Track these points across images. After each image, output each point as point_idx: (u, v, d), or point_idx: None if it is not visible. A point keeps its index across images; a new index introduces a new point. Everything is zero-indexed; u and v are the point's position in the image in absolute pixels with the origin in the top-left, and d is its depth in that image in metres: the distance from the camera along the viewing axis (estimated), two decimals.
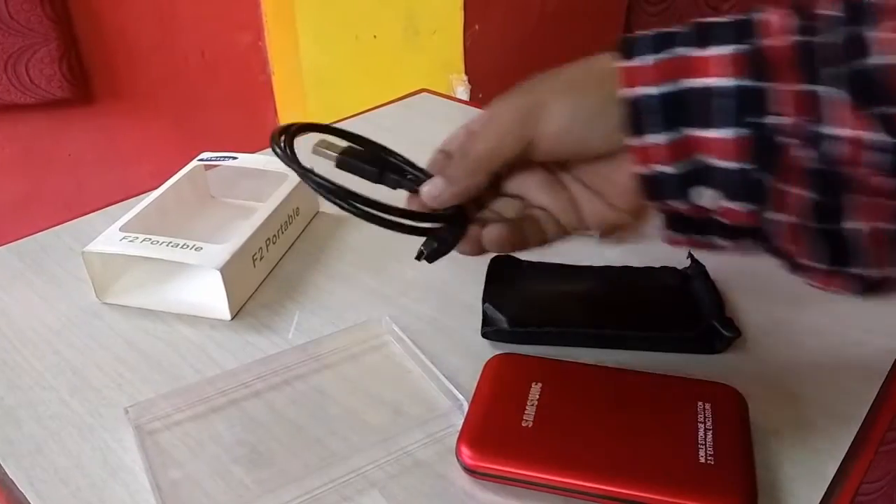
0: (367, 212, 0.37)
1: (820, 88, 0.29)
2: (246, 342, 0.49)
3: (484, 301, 0.50)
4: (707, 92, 0.31)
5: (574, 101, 0.35)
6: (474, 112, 0.85)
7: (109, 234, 0.52)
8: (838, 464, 0.39)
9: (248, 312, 0.52)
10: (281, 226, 0.57)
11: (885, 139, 0.28)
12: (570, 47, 1.45)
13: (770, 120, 0.30)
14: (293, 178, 0.60)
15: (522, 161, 0.37)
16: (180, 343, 0.49)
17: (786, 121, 0.30)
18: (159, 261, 0.50)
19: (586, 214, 0.38)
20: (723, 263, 0.53)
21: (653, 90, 0.32)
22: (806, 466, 0.39)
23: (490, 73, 1.31)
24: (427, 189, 0.38)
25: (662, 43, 0.33)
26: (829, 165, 0.30)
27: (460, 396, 0.42)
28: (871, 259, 0.31)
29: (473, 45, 1.26)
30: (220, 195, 0.65)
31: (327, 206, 0.65)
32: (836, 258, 0.32)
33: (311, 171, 0.37)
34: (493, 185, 0.38)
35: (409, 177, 0.40)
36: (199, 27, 1.13)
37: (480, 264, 0.55)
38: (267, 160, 0.63)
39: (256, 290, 0.54)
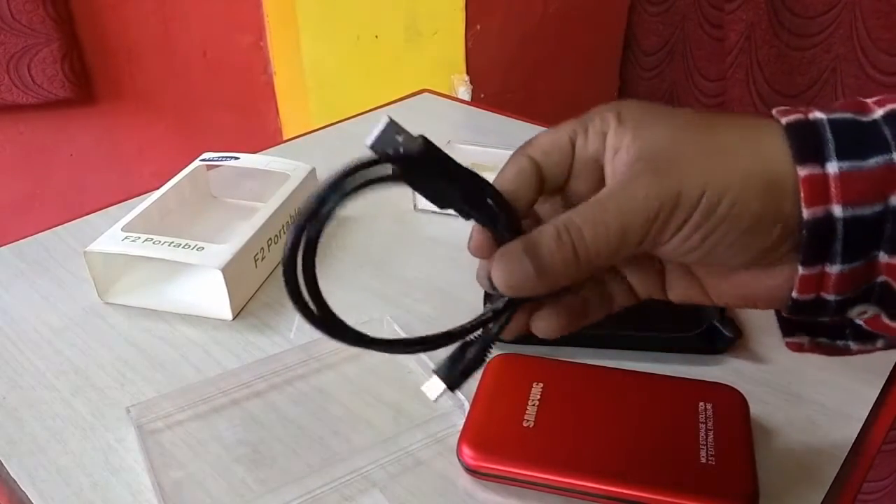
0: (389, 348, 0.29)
1: None
2: (248, 342, 0.49)
3: (485, 302, 0.50)
4: None
5: (722, 219, 0.26)
6: (475, 112, 0.86)
7: (111, 233, 0.52)
8: (840, 464, 0.39)
9: (250, 312, 0.52)
10: (283, 226, 0.57)
11: None
12: (572, 47, 1.45)
13: None
14: (295, 178, 0.60)
15: None
16: (182, 343, 0.49)
17: None
18: (161, 261, 0.50)
19: (672, 290, 0.32)
20: None
21: (850, 211, 0.25)
22: (807, 467, 0.39)
23: (492, 73, 1.31)
24: (501, 274, 0.28)
25: (854, 138, 0.26)
26: None
27: (461, 396, 0.43)
28: None
29: (475, 46, 1.26)
30: (221, 195, 0.65)
31: None
32: None
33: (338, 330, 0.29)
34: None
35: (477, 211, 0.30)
36: (201, 28, 1.13)
37: None
38: (268, 160, 0.63)
39: (258, 289, 0.54)
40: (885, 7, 1.12)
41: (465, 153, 0.69)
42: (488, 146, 0.69)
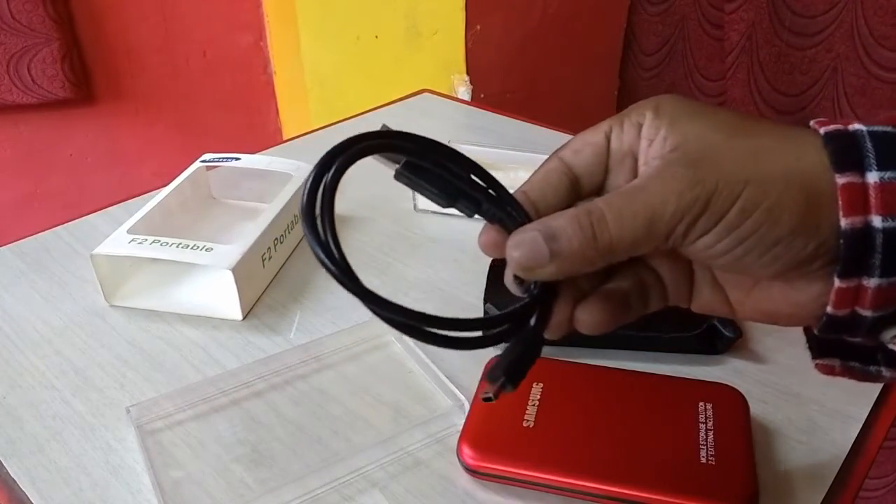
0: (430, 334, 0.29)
1: None
2: (247, 342, 0.49)
3: (485, 301, 0.50)
4: None
5: (756, 223, 0.25)
6: (475, 112, 0.86)
7: (117, 236, 0.52)
8: (840, 464, 0.39)
9: (251, 312, 0.52)
10: (288, 226, 0.57)
11: None
12: (572, 47, 1.45)
13: None
14: (298, 178, 0.60)
15: None
16: (182, 343, 0.49)
17: None
18: (169, 262, 0.50)
19: (697, 300, 0.31)
20: None
21: (890, 223, 0.24)
22: (807, 467, 0.39)
23: (492, 73, 1.31)
24: (520, 254, 0.27)
25: (890, 151, 0.25)
26: None
27: (461, 396, 0.42)
28: None
29: (475, 46, 1.26)
30: (221, 196, 0.65)
31: None
32: None
33: (370, 294, 0.28)
34: None
35: (486, 209, 0.29)
36: (201, 28, 1.13)
37: (482, 264, 0.55)
38: (270, 160, 0.63)
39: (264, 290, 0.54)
40: (887, 4, 1.11)
41: (465, 153, 0.69)
42: (488, 146, 0.69)
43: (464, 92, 1.25)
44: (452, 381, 0.44)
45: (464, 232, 0.61)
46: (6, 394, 0.45)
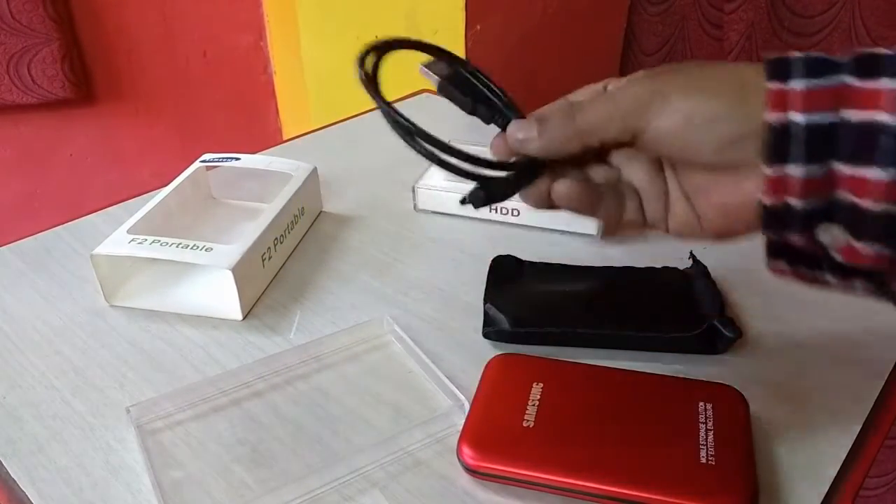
0: (431, 153, 0.36)
1: None
2: (247, 342, 0.49)
3: (485, 301, 0.50)
4: (872, 127, 0.29)
5: (697, 103, 0.32)
6: None
7: (117, 236, 0.52)
8: (840, 464, 0.39)
9: (251, 312, 0.52)
10: (287, 225, 0.57)
11: None
12: (572, 47, 1.45)
13: None
14: (298, 178, 0.60)
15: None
16: (182, 343, 0.49)
17: None
18: (169, 262, 0.50)
19: (672, 217, 0.37)
20: (724, 263, 0.53)
21: (805, 117, 0.30)
22: (807, 466, 0.39)
23: (492, 73, 1.31)
24: (514, 129, 0.36)
25: (819, 67, 0.30)
26: None
27: (461, 396, 0.43)
28: None
29: (475, 46, 1.26)
30: (221, 196, 0.65)
31: (330, 206, 0.65)
32: None
33: (390, 107, 0.37)
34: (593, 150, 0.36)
35: (498, 116, 0.38)
36: (201, 27, 1.13)
37: (482, 264, 0.55)
38: (269, 160, 0.63)
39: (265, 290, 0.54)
40: (884, 5, 1.12)
41: (462, 150, 0.69)
42: (486, 145, 0.69)
43: None
44: (452, 381, 0.44)
45: (464, 232, 0.61)
46: (6, 394, 0.45)
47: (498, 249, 0.56)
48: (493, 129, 0.39)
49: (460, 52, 1.25)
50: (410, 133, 0.36)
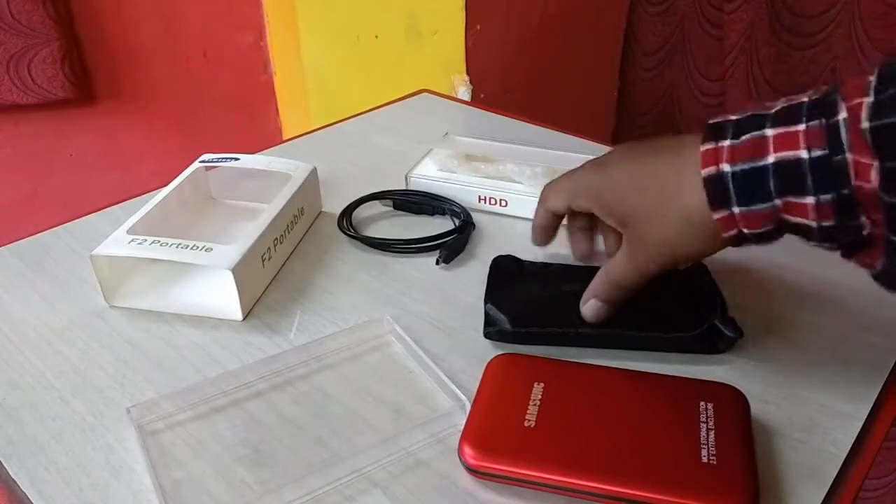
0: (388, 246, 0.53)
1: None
2: (248, 342, 0.49)
3: (486, 301, 0.50)
4: (784, 165, 0.36)
5: (687, 251, 0.42)
6: (475, 112, 0.86)
7: (117, 236, 0.52)
8: (840, 463, 0.39)
9: (251, 313, 0.52)
10: (287, 225, 0.57)
11: None
12: (572, 47, 1.45)
13: (848, 190, 0.35)
14: (297, 178, 0.60)
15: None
16: (182, 343, 0.49)
17: (866, 188, 0.34)
18: (169, 263, 0.50)
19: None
20: (725, 263, 0.53)
21: (733, 167, 0.37)
22: (808, 466, 0.39)
23: (492, 73, 1.31)
24: (589, 310, 0.47)
25: (743, 126, 0.38)
26: None
27: (462, 396, 0.42)
28: None
29: (475, 46, 1.26)
30: (220, 196, 0.65)
31: (330, 206, 0.65)
32: None
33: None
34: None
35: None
36: (201, 28, 1.13)
37: (482, 265, 0.55)
38: (269, 160, 0.63)
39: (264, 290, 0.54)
40: (882, 7, 1.12)
41: (462, 145, 0.69)
42: (483, 139, 0.70)
43: (464, 92, 1.25)
44: (453, 380, 0.44)
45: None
46: (6, 394, 0.45)
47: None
48: (490, 125, 0.39)
49: (460, 51, 1.25)
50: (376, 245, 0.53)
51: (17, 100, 1.02)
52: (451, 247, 0.57)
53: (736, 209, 0.38)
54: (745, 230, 0.38)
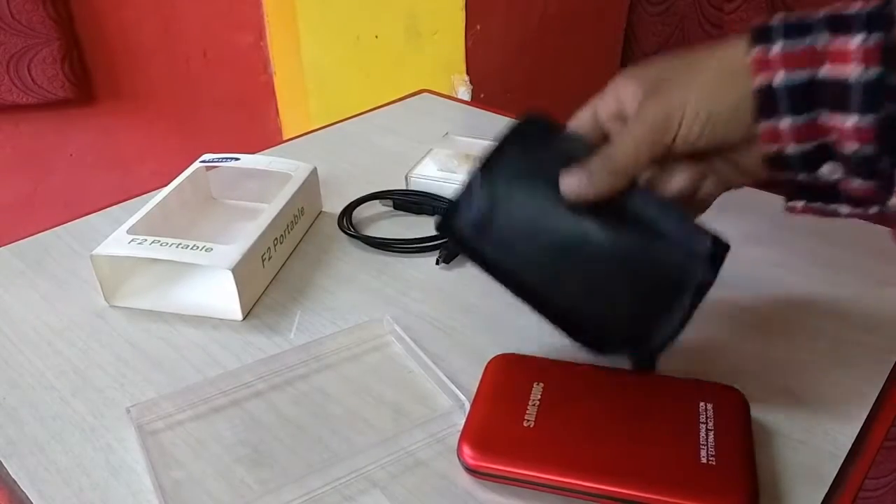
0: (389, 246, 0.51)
1: None
2: (248, 342, 0.49)
3: (475, 173, 0.42)
4: (840, 82, 0.33)
5: (711, 105, 0.37)
6: (474, 112, 0.86)
7: (117, 236, 0.52)
8: (840, 463, 0.39)
9: (251, 313, 0.52)
10: (287, 225, 0.57)
11: None
12: (572, 47, 1.45)
13: None
14: (297, 178, 0.60)
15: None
16: (182, 343, 0.49)
17: None
18: (169, 262, 0.50)
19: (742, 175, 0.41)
20: (726, 265, 0.52)
21: (785, 78, 0.35)
22: (807, 466, 0.39)
23: (492, 73, 1.31)
24: (569, 182, 0.40)
25: (795, 31, 0.35)
26: None
27: (462, 396, 0.43)
28: None
29: (475, 46, 1.26)
30: (220, 196, 0.65)
31: (330, 206, 0.65)
32: None
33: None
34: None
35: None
36: (201, 28, 1.13)
37: None
38: (269, 160, 0.63)
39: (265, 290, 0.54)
40: None
41: (462, 145, 0.69)
42: (483, 139, 0.70)
43: (464, 92, 1.25)
44: (453, 380, 0.44)
45: None
46: (6, 394, 0.45)
47: None
48: (491, 125, 0.39)
49: (460, 51, 1.25)
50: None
51: (17, 100, 1.02)
52: (451, 247, 0.57)
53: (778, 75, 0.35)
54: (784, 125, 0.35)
